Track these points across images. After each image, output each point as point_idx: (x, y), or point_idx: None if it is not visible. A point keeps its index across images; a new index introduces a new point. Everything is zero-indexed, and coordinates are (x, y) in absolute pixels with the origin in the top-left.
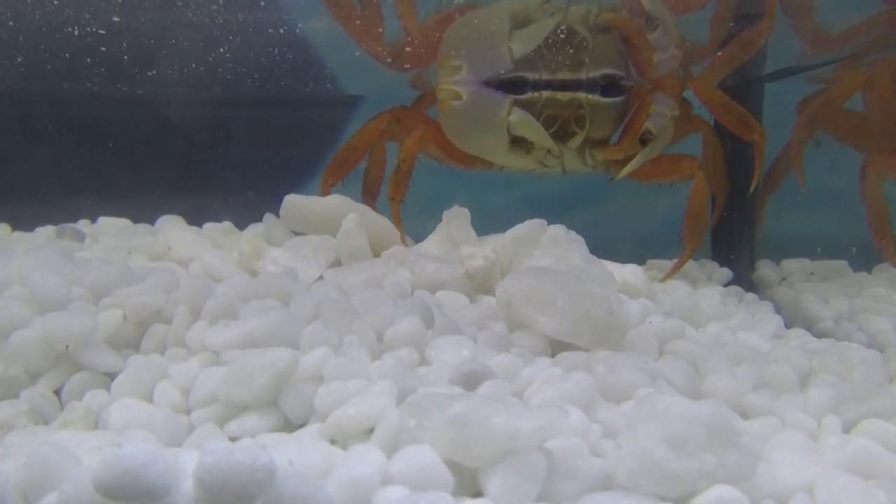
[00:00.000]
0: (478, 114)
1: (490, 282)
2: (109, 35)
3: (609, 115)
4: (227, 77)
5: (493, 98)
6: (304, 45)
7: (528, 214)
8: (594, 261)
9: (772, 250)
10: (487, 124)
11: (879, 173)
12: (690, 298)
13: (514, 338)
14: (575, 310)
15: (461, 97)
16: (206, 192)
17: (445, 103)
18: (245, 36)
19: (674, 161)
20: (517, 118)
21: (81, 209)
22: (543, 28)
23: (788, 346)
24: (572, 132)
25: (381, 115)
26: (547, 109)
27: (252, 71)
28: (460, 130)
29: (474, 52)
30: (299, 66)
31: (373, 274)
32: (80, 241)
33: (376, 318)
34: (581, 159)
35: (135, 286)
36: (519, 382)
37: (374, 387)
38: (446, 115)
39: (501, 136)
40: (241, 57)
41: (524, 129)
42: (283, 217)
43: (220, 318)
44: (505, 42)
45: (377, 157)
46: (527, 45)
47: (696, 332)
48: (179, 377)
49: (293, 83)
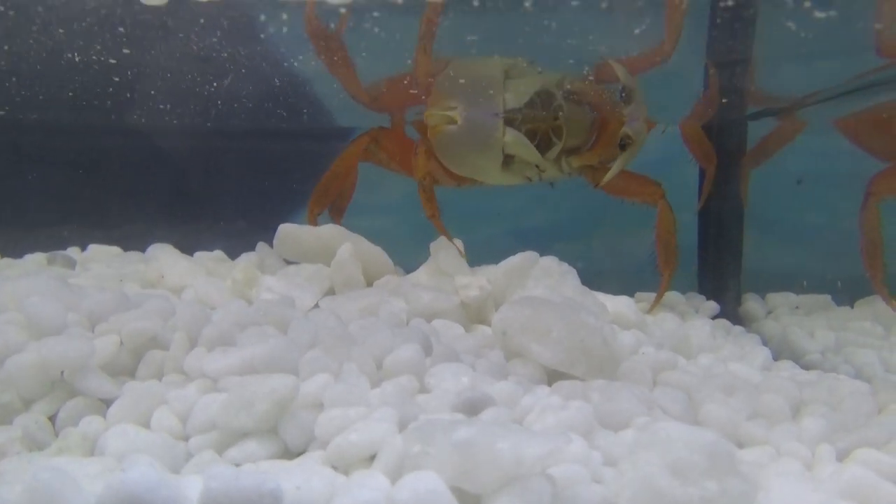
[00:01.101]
0: (474, 136)
1: (484, 312)
2: (104, 66)
3: (583, 124)
4: (220, 108)
5: (488, 120)
6: (297, 79)
7: (518, 246)
8: (587, 292)
9: (756, 284)
10: (484, 145)
11: (880, 200)
12: (681, 330)
13: (511, 366)
14: (570, 340)
15: (456, 121)
16: (196, 221)
17: (438, 128)
18: (239, 69)
19: (642, 182)
20: (511, 138)
21: (71, 237)
22: (533, 83)
23: (779, 378)
24: (551, 143)
25: (360, 137)
26: (526, 125)
27: (245, 103)
28: (455, 153)
29: (470, 96)
30: (292, 99)
31: (368, 303)
32: (72, 268)
33: (375, 345)
34: (558, 167)
35: (131, 312)
36: (519, 410)
37: (376, 413)
38: (440, 140)
39: (496, 155)
40: (234, 89)
41: (517, 148)
42: (276, 246)
43: (218, 345)
44: (500, 91)
45: (350, 176)
46: (519, 97)
47: (688, 363)
48: (177, 403)
49: (286, 115)
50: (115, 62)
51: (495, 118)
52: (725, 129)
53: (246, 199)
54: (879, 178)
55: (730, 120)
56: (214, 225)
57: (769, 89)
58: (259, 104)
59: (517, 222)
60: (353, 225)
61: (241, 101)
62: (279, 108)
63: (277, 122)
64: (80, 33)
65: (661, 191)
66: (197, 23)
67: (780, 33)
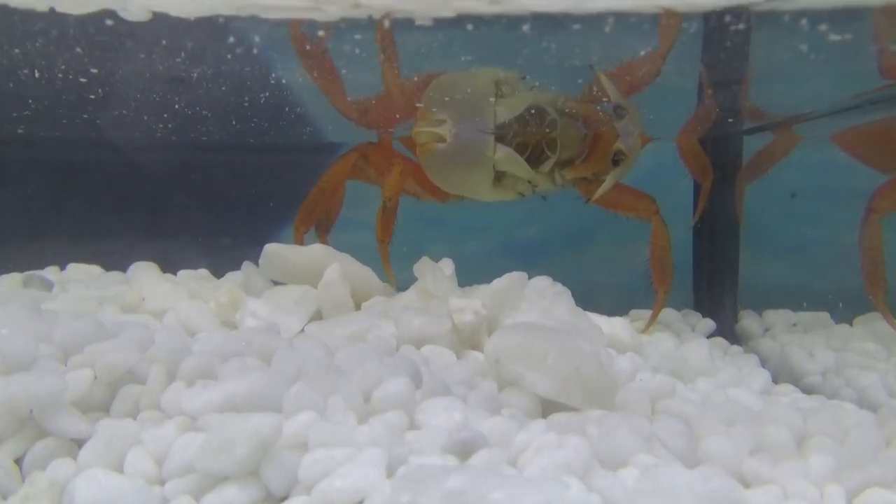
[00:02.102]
0: (464, 154)
1: (477, 337)
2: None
3: (576, 137)
4: (206, 123)
5: (479, 138)
6: (285, 94)
7: (509, 261)
8: (581, 314)
9: (752, 299)
10: (474, 163)
11: (883, 217)
12: (678, 353)
13: (504, 397)
14: (565, 368)
15: (445, 139)
16: (182, 237)
17: (428, 146)
18: (226, 83)
19: (635, 196)
20: (502, 155)
21: (52, 253)
22: (525, 99)
23: (780, 405)
24: (544, 156)
25: (348, 153)
26: (517, 138)
27: (231, 118)
28: (445, 171)
29: (460, 110)
30: (279, 114)
31: (356, 328)
32: (48, 290)
33: (362, 377)
34: (551, 180)
35: (107, 343)
36: (513, 449)
37: (362, 455)
38: (429, 158)
39: (487, 173)
40: (221, 104)
41: (509, 165)
42: (262, 266)
43: (198, 379)
44: (491, 104)
45: (336, 193)
46: (510, 111)
47: (686, 387)
48: (153, 444)
49: (273, 130)
50: (92, 75)
51: (486, 135)
52: (720, 144)
53: (233, 214)
54: (881, 193)
55: (725, 134)
56: (201, 240)
57: (764, 105)
58: (247, 118)
59: (509, 236)
60: (343, 240)
61: (229, 116)
62: (267, 123)
63: (265, 137)
64: (59, 45)
65: (655, 206)
66: (179, 35)
67: (775, 50)
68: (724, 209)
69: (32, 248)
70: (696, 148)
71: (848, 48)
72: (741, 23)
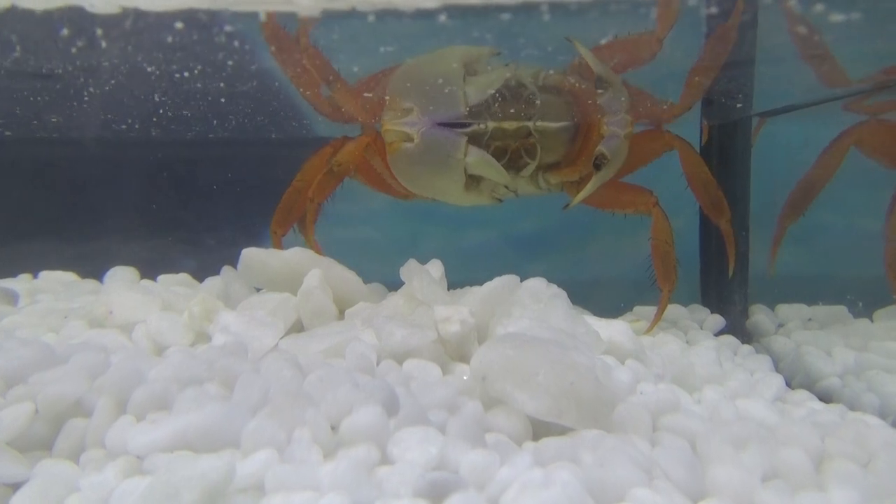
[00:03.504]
0: (433, 156)
1: (466, 347)
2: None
3: (560, 139)
4: (194, 118)
5: (448, 139)
6: (276, 88)
7: (508, 253)
8: (578, 319)
9: (763, 289)
10: (443, 166)
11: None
12: (683, 358)
13: (490, 419)
14: (558, 384)
15: (413, 139)
16: (168, 236)
17: (395, 145)
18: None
19: (631, 192)
20: (474, 158)
21: (32, 255)
22: (499, 76)
23: (795, 419)
24: (523, 162)
25: (322, 149)
26: (494, 141)
27: (221, 112)
28: (413, 173)
29: (427, 95)
30: (271, 109)
31: (333, 343)
32: (13, 303)
33: (332, 404)
34: (535, 184)
35: (55, 370)
36: (493, 488)
37: (324, 499)
38: (397, 158)
39: (458, 177)
40: (211, 98)
41: (482, 169)
42: (241, 272)
43: (151, 410)
44: (460, 86)
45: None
46: (482, 91)
47: (692, 398)
48: (92, 492)
49: (264, 125)
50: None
51: (457, 135)
52: (729, 130)
53: (219, 212)
54: None
55: (733, 120)
56: (186, 239)
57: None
58: (234, 112)
59: (508, 229)
60: (335, 235)
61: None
62: (257, 119)
63: (254, 131)
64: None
65: (653, 198)
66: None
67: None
68: (734, 196)
69: (7, 253)
70: (706, 177)
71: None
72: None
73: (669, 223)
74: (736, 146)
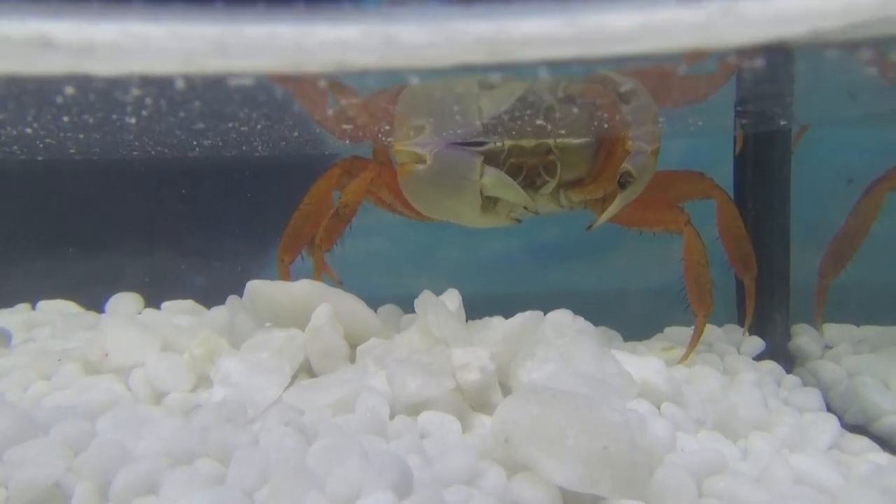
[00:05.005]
0: (447, 178)
1: (486, 394)
2: None
3: (582, 155)
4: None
5: (463, 159)
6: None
7: (529, 263)
8: (607, 358)
9: (804, 303)
10: (458, 189)
11: None
12: (725, 398)
13: (514, 489)
14: (590, 447)
15: (425, 160)
16: (177, 256)
17: (406, 167)
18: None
19: (659, 210)
20: (490, 179)
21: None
22: (516, 88)
23: (859, 479)
24: (543, 180)
25: (329, 170)
26: (511, 158)
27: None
28: (425, 196)
29: (439, 111)
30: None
31: (342, 395)
32: (6, 343)
33: (339, 483)
34: (556, 202)
35: (32, 444)
36: None
37: None
38: (408, 181)
39: (474, 199)
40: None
41: (499, 190)
42: (246, 305)
43: (136, 496)
44: (474, 99)
45: (323, 214)
46: (497, 104)
47: (737, 448)
48: None
49: (276, 142)
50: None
51: (472, 155)
52: (767, 140)
53: (228, 224)
54: None
55: (772, 130)
56: (194, 252)
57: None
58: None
59: (529, 237)
60: (346, 248)
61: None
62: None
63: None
64: None
65: (685, 216)
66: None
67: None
68: (771, 209)
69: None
70: (739, 232)
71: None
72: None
73: (703, 242)
74: (773, 155)
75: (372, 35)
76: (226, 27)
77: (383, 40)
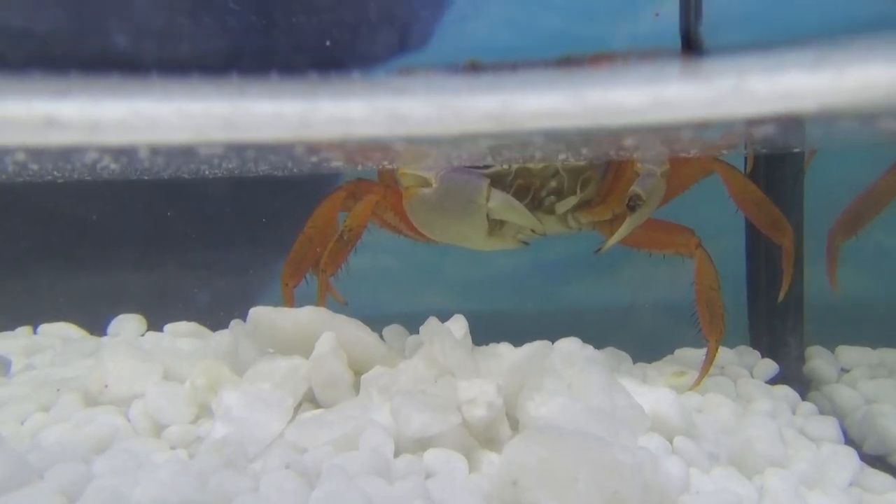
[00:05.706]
0: (452, 201)
1: (495, 428)
2: None
3: (590, 176)
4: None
5: (469, 183)
6: None
7: (537, 279)
8: (617, 389)
9: (818, 322)
10: (464, 212)
11: None
12: (739, 430)
13: None
14: (601, 492)
15: (431, 183)
16: (180, 271)
17: (412, 191)
18: None
19: (669, 232)
20: (497, 203)
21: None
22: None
23: None
24: (550, 202)
25: (334, 193)
26: (517, 180)
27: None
28: (431, 220)
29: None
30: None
31: (346, 431)
32: (5, 372)
33: None
34: (563, 224)
35: (26, 490)
36: None
37: None
38: (414, 205)
39: (480, 222)
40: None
41: (506, 214)
42: (249, 332)
43: None
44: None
45: (327, 238)
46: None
47: (753, 486)
48: None
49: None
50: None
51: (478, 178)
52: (780, 160)
53: (237, 248)
54: None
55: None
56: (199, 271)
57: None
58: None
59: (537, 252)
60: (351, 265)
61: None
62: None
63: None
64: None
65: (695, 239)
66: None
67: None
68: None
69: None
70: (757, 196)
71: None
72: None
73: (714, 266)
74: (785, 174)
75: (379, 111)
76: (235, 104)
77: (389, 116)
